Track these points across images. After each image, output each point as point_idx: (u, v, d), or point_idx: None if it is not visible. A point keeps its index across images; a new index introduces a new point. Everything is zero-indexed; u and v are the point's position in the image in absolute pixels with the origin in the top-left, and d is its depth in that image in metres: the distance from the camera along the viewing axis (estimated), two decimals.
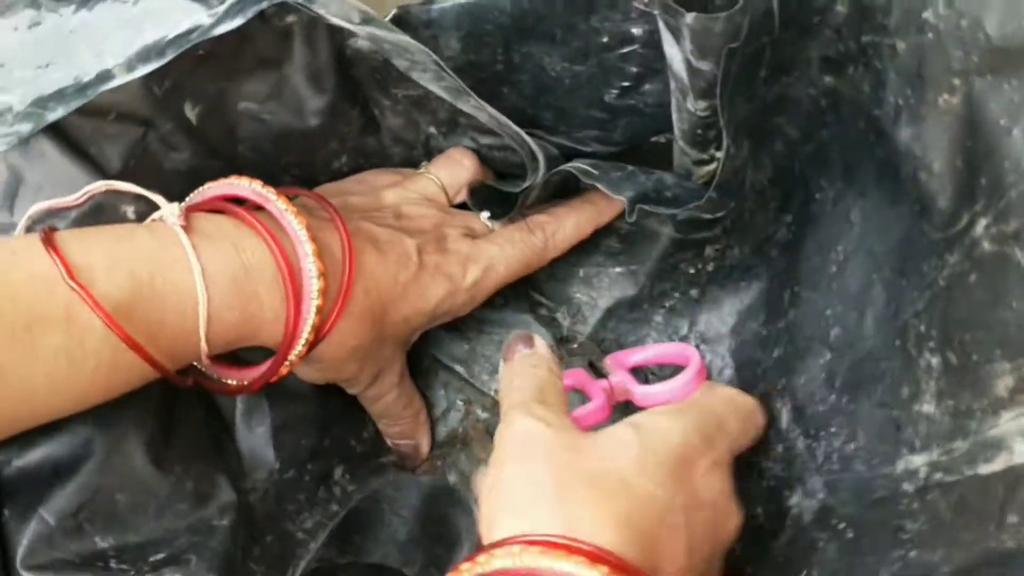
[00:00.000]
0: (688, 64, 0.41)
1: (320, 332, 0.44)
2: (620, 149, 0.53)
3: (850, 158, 0.43)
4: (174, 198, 0.43)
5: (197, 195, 0.45)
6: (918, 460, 0.35)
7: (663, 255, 0.55)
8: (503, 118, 0.48)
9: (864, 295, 0.42)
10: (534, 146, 0.50)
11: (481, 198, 0.54)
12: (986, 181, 0.32)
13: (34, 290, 0.37)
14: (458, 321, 0.54)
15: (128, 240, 0.41)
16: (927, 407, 0.35)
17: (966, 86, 0.33)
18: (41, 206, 0.42)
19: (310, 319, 0.43)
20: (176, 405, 0.47)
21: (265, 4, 0.41)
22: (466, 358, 0.59)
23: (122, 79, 0.40)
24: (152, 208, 0.43)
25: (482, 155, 0.54)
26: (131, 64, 0.40)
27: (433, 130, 0.54)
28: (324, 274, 0.43)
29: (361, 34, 0.45)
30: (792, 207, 0.50)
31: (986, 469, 0.31)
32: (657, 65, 0.46)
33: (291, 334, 0.43)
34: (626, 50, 0.47)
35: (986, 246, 0.32)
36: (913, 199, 0.37)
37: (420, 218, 0.51)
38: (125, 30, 0.40)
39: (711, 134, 0.45)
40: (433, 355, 0.59)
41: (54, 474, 0.42)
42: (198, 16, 0.40)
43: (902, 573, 0.36)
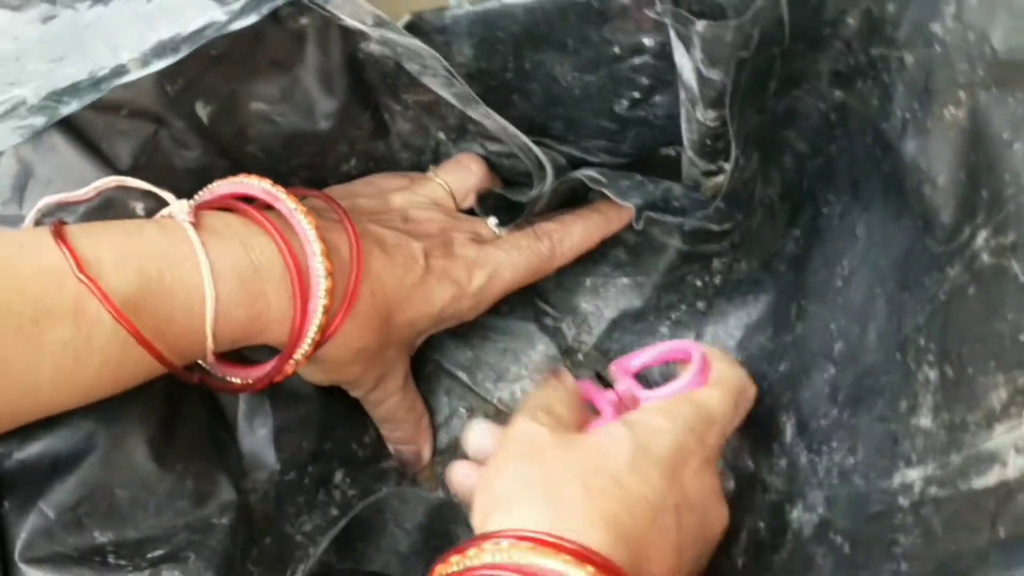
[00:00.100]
0: (698, 73, 0.41)
1: (326, 332, 0.44)
2: (629, 160, 0.53)
3: (857, 172, 0.43)
4: (183, 196, 0.43)
5: (206, 193, 0.45)
6: (914, 474, 0.35)
7: (670, 267, 0.55)
8: (511, 127, 0.48)
9: (867, 309, 0.42)
10: (541, 156, 0.50)
11: (489, 204, 0.54)
12: (987, 194, 0.32)
13: (43, 283, 0.37)
14: (463, 328, 0.54)
15: (137, 235, 0.40)
16: (924, 421, 0.35)
17: (971, 99, 0.33)
18: (50, 200, 0.42)
19: (316, 319, 0.43)
20: (180, 403, 0.47)
21: (280, 2, 0.41)
22: (470, 365, 0.59)
23: (136, 74, 0.40)
24: (161, 205, 0.43)
25: (491, 161, 0.54)
26: (146, 59, 0.40)
27: (442, 136, 0.54)
28: (332, 274, 0.43)
29: (374, 37, 0.45)
30: (800, 221, 0.50)
31: (979, 483, 0.31)
32: (668, 77, 0.47)
33: (297, 333, 0.43)
34: (637, 61, 0.47)
35: (985, 259, 0.32)
36: (917, 212, 0.37)
37: (427, 222, 0.51)
38: (140, 25, 0.40)
39: (720, 145, 0.45)
40: (437, 361, 0.59)
41: (55, 468, 0.41)
42: (213, 13, 0.40)
43: None
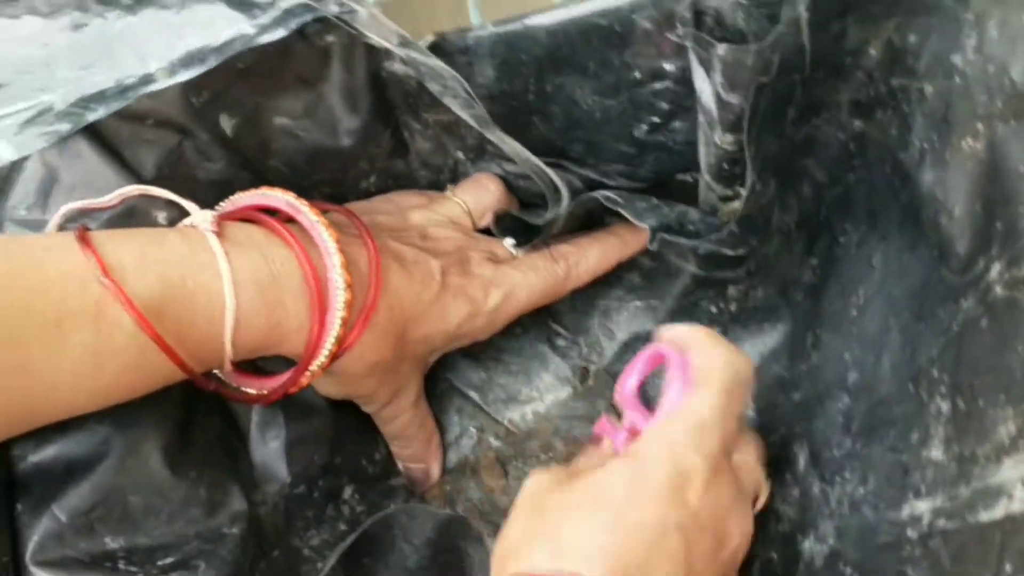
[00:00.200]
0: (717, 97, 0.41)
1: (343, 344, 0.45)
2: (646, 185, 0.53)
3: (875, 202, 0.43)
4: (205, 207, 0.44)
5: (229, 204, 0.46)
6: (923, 506, 0.35)
7: (684, 292, 0.55)
8: (524, 151, 0.49)
9: (881, 339, 0.42)
10: (557, 180, 0.50)
11: (505, 225, 0.54)
12: (1002, 226, 0.32)
13: (66, 286, 0.37)
14: (476, 348, 0.55)
15: (160, 243, 0.41)
16: (935, 452, 0.35)
17: (989, 131, 0.33)
18: (73, 206, 0.43)
19: (334, 330, 0.44)
20: (195, 411, 0.47)
21: (308, 17, 0.41)
22: (482, 385, 0.59)
23: (164, 83, 0.41)
24: (183, 215, 0.44)
25: (508, 182, 0.55)
26: (173, 68, 0.40)
27: (461, 155, 0.54)
28: (351, 286, 0.44)
29: (398, 56, 0.45)
30: (817, 250, 0.50)
31: (987, 517, 0.31)
32: (687, 103, 0.47)
33: (314, 344, 0.44)
34: (658, 86, 0.48)
35: (998, 291, 0.32)
36: (933, 243, 0.37)
37: (445, 240, 0.51)
38: (168, 35, 0.41)
39: (737, 170, 0.45)
40: (449, 380, 0.59)
41: (69, 471, 0.42)
42: (241, 26, 0.41)
43: None
